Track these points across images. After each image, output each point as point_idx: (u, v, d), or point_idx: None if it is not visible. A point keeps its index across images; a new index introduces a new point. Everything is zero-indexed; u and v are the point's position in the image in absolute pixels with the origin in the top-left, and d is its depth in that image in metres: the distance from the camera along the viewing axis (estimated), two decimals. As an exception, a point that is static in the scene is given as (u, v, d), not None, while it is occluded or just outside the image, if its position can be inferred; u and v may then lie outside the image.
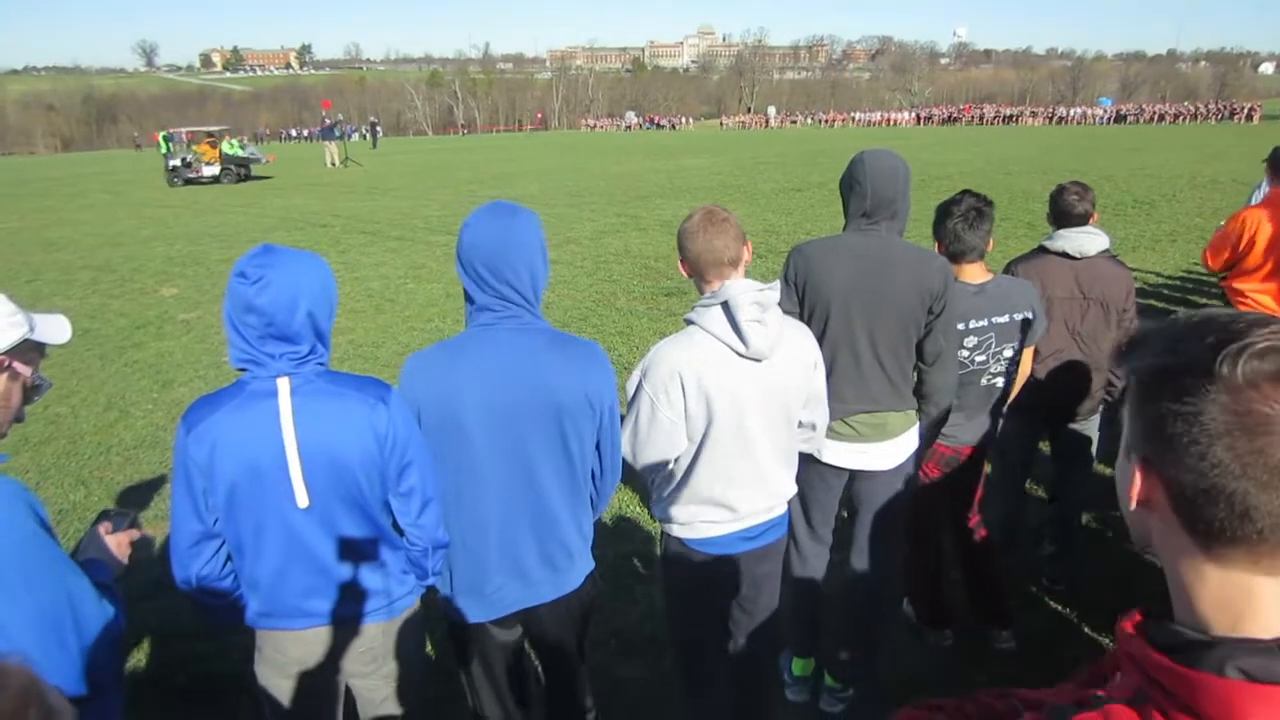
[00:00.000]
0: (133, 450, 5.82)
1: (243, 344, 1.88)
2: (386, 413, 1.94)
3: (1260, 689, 0.73)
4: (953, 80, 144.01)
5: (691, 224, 2.34)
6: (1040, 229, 11.96)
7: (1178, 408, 0.79)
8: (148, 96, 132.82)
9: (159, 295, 10.51)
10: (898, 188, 2.74)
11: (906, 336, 2.79)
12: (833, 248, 2.79)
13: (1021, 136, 41.21)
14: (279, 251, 1.90)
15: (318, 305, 1.90)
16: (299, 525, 1.93)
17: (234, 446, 1.86)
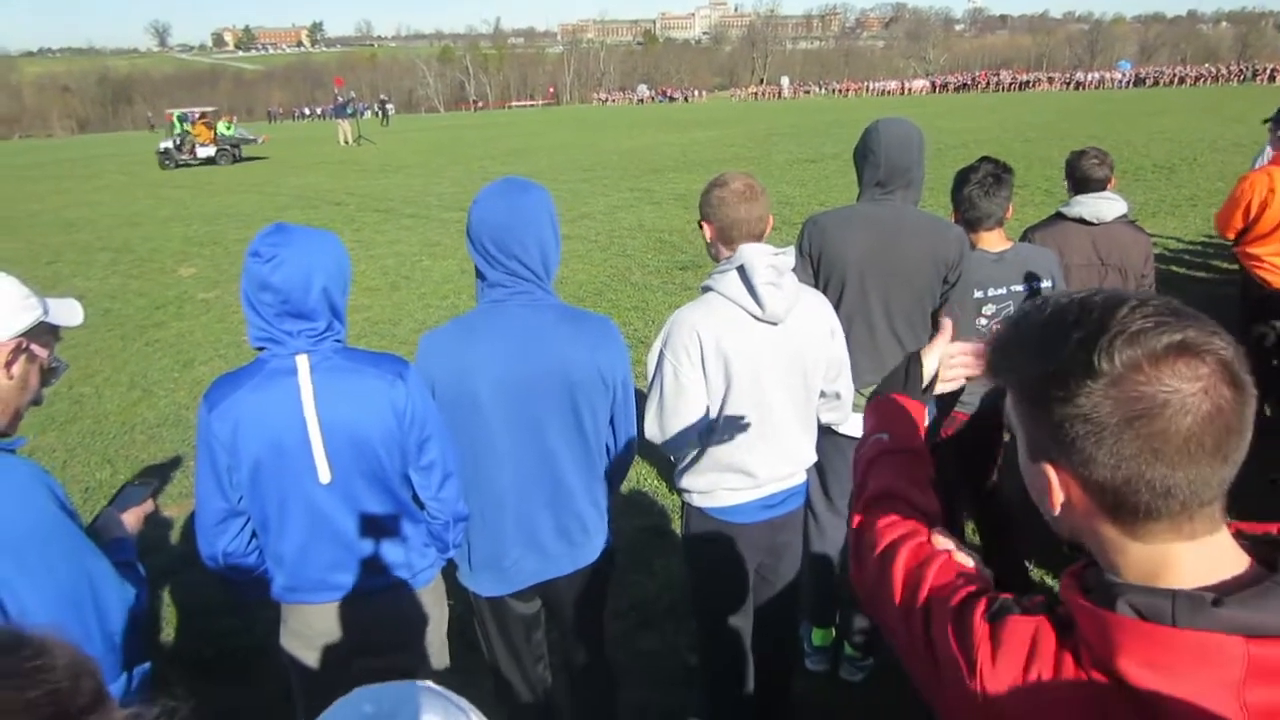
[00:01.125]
0: (156, 429, 5.90)
1: (260, 322, 1.90)
2: (405, 388, 1.96)
3: (1140, 625, 0.79)
4: (968, 47, 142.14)
5: (729, 191, 2.32)
6: (1058, 195, 11.81)
7: (1071, 410, 0.80)
8: (161, 76, 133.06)
9: (178, 275, 10.59)
10: (911, 156, 2.73)
11: (921, 306, 2.79)
12: (847, 218, 2.79)
13: (1039, 102, 40.65)
14: (292, 230, 1.91)
15: (332, 281, 1.91)
16: (321, 501, 1.96)
17: (256, 424, 1.89)
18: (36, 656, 0.82)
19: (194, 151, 27.59)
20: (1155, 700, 0.78)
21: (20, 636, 0.85)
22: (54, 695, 0.80)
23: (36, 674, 0.81)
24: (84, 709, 0.82)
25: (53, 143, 69.18)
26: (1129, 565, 0.85)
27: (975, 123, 27.60)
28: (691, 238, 11.12)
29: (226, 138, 28.40)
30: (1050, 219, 3.62)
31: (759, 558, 2.60)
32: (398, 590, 2.11)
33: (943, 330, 1.61)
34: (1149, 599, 0.80)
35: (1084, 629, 0.85)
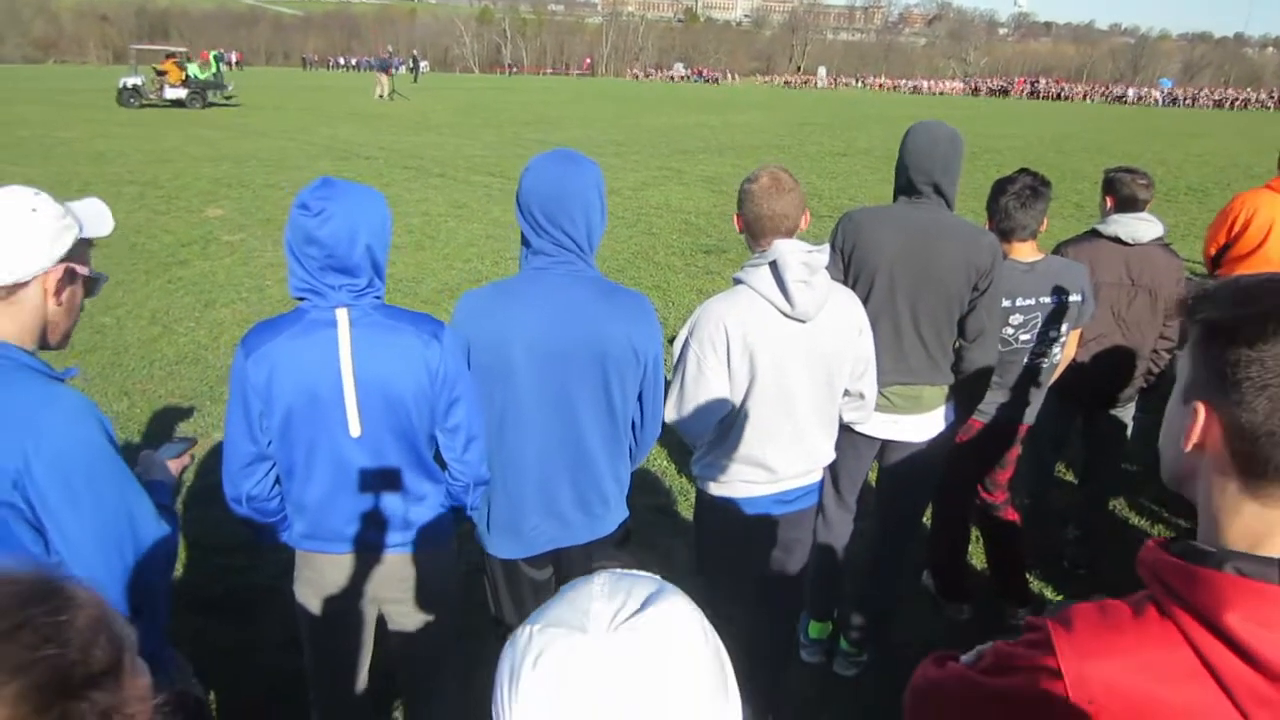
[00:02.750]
0: (174, 365, 5.96)
1: (303, 273, 1.93)
2: (440, 348, 1.99)
3: (1249, 582, 0.83)
4: (1009, 51, 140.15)
5: (756, 185, 2.34)
6: (1090, 210, 11.82)
7: (1252, 353, 0.84)
8: (200, 13, 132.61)
9: (204, 215, 10.64)
10: (935, 161, 2.73)
11: (949, 311, 2.80)
12: (883, 217, 2.80)
13: (1076, 114, 40.21)
14: (339, 185, 1.93)
15: (376, 239, 1.94)
16: (349, 453, 1.99)
17: (292, 372, 1.92)
18: (57, 613, 0.82)
19: (162, 92, 26.35)
20: (1260, 656, 0.81)
21: (50, 588, 0.84)
22: (56, 661, 0.79)
23: (51, 632, 0.80)
24: (89, 679, 0.81)
25: (87, 70, 69.17)
26: (1234, 527, 0.89)
27: (1010, 129, 27.34)
28: (717, 221, 11.10)
29: (199, 80, 27.05)
30: (1084, 235, 3.60)
31: (767, 550, 2.63)
32: (414, 548, 2.15)
33: None
34: (1256, 565, 0.84)
35: (1181, 589, 0.87)
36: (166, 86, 26.44)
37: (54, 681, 0.79)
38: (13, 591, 0.83)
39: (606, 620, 0.76)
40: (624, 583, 0.83)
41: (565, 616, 0.78)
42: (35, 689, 0.78)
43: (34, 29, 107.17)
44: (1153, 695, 0.85)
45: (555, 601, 0.83)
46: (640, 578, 0.85)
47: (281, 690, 2.95)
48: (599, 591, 0.81)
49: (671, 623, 0.78)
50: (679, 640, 0.77)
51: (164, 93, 26.34)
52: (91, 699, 0.81)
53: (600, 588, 0.82)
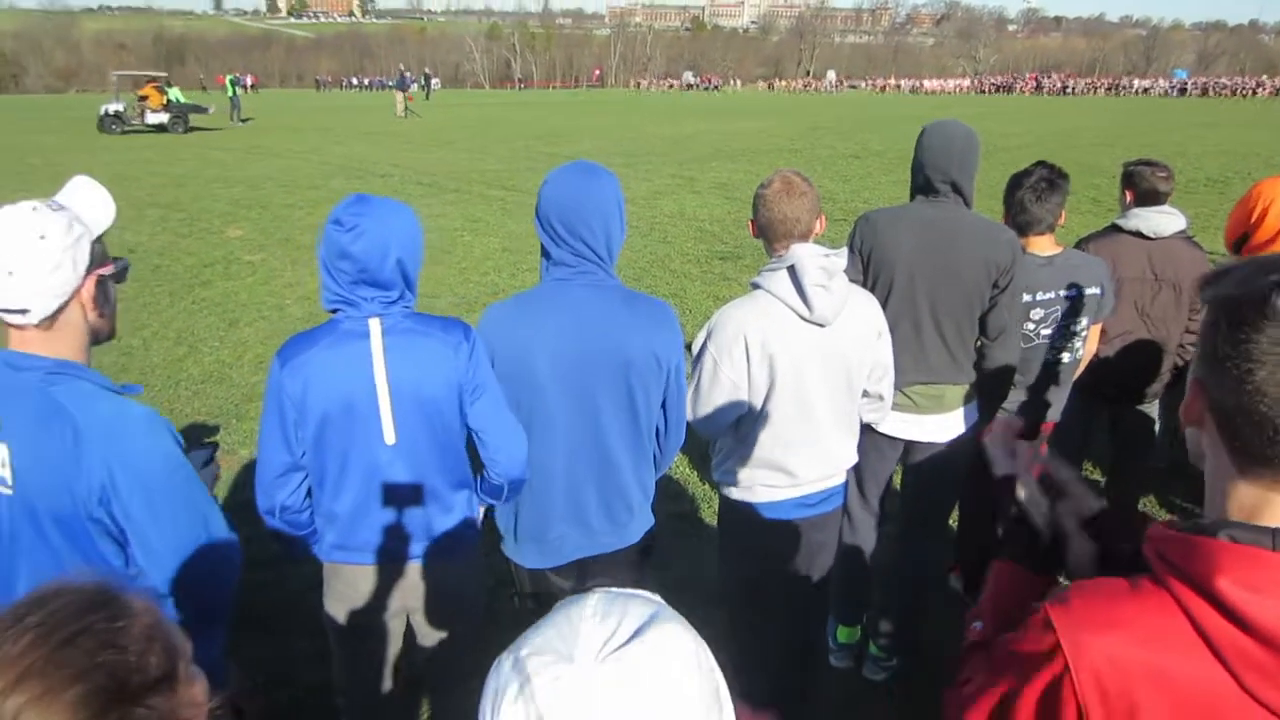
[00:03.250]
0: (200, 385, 6.03)
1: (335, 287, 1.97)
2: (469, 352, 2.02)
3: (1240, 548, 0.86)
4: (1019, 48, 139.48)
5: (769, 190, 2.35)
6: (1106, 205, 11.76)
7: (1232, 335, 0.87)
8: (215, 39, 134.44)
9: (225, 236, 10.76)
10: (952, 159, 2.73)
11: (970, 309, 2.79)
12: (900, 217, 2.80)
13: (1087, 108, 39.94)
14: (372, 201, 1.97)
15: (407, 254, 1.97)
16: (383, 461, 2.02)
17: (327, 381, 1.95)
18: (114, 620, 0.84)
19: (144, 117, 26.11)
20: (1252, 620, 0.83)
21: (107, 596, 0.87)
22: (115, 668, 0.82)
23: (109, 638, 0.83)
24: (145, 686, 0.83)
25: (107, 97, 70.15)
26: (1231, 502, 0.91)
27: (1019, 126, 27.21)
28: (731, 228, 11.12)
29: (179, 105, 26.88)
30: (1105, 230, 3.57)
31: (792, 555, 2.63)
32: (442, 558, 2.17)
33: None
34: (1249, 532, 0.87)
35: (1177, 559, 0.90)
36: (148, 111, 26.25)
37: (112, 687, 0.81)
38: (72, 600, 0.85)
39: (595, 649, 0.73)
40: (618, 605, 0.79)
41: (553, 643, 0.75)
42: (94, 694, 0.80)
43: (55, 59, 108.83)
44: (1154, 665, 0.88)
45: (545, 624, 0.80)
46: (636, 599, 0.82)
47: (311, 702, 2.97)
48: (590, 614, 0.78)
49: (664, 654, 0.74)
50: (670, 673, 0.74)
51: (145, 118, 26.12)
52: (148, 704, 0.83)
53: (593, 611, 0.78)
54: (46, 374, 1.55)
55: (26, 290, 1.51)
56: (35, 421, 1.53)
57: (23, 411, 1.54)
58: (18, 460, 1.54)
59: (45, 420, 1.53)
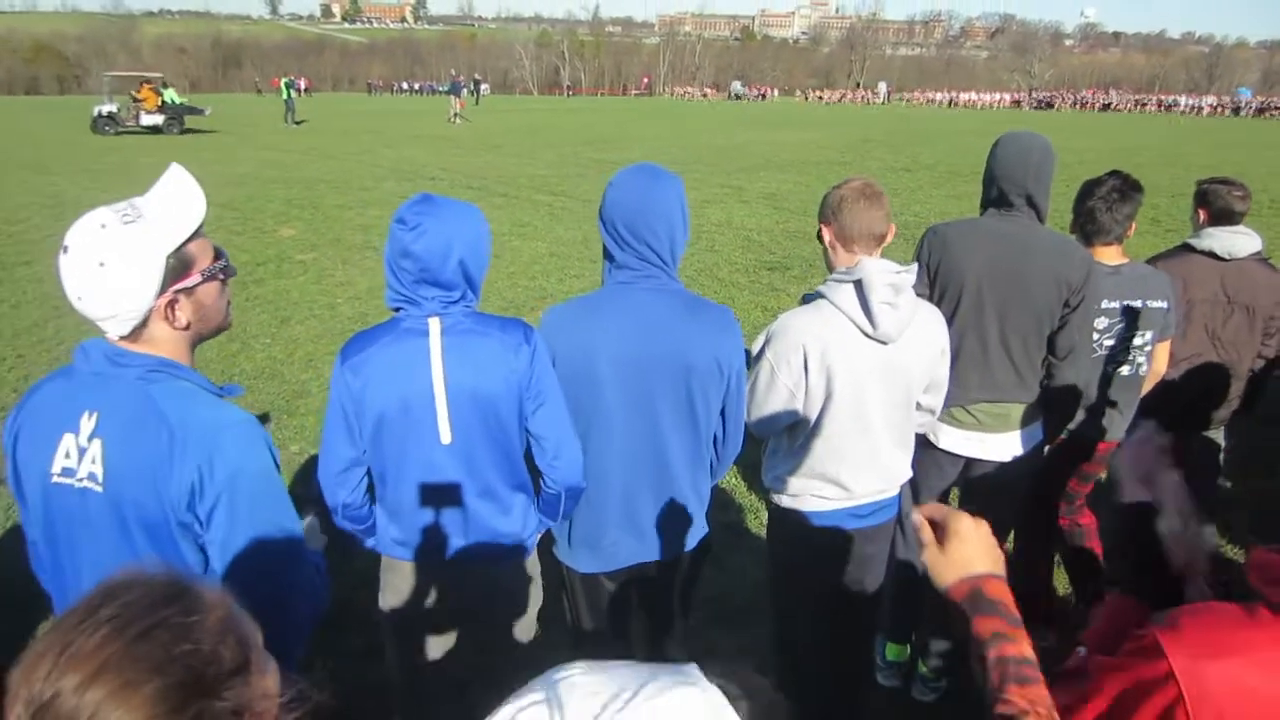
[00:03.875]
0: (252, 380, 6.12)
1: (399, 285, 1.98)
2: (529, 354, 2.01)
3: None
4: (1076, 63, 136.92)
5: (847, 192, 2.31)
6: (1166, 225, 11.52)
7: None
8: (270, 43, 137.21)
9: (278, 235, 10.95)
10: (1029, 171, 2.66)
11: (1039, 328, 2.73)
12: (972, 231, 2.74)
13: (1148, 126, 39.15)
14: (437, 201, 1.97)
15: (470, 254, 1.97)
16: (440, 461, 2.02)
17: (386, 380, 1.96)
18: (189, 614, 0.84)
19: (138, 118, 25.75)
20: None
21: (180, 588, 0.87)
22: (191, 661, 0.82)
23: (184, 632, 0.83)
24: (221, 678, 0.83)
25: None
26: None
27: (1081, 142, 26.74)
28: (780, 238, 11.05)
29: (173, 106, 26.48)
30: (1176, 250, 3.47)
31: (843, 566, 2.58)
32: (499, 558, 2.17)
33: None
34: None
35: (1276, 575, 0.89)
36: (143, 113, 25.94)
37: (190, 680, 0.82)
38: (145, 593, 0.85)
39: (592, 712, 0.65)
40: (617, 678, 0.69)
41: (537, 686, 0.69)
42: (173, 688, 0.80)
43: (117, 62, 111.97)
44: (1276, 694, 0.83)
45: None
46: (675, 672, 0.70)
47: (364, 700, 2.99)
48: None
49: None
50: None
51: (140, 119, 25.78)
52: (224, 696, 0.83)
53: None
54: (146, 371, 1.52)
55: (99, 313, 1.48)
56: (131, 421, 1.50)
57: (119, 409, 1.50)
58: (110, 459, 1.50)
59: (141, 421, 1.49)
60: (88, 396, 1.52)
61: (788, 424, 2.40)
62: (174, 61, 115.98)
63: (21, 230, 10.98)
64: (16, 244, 10.20)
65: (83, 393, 1.52)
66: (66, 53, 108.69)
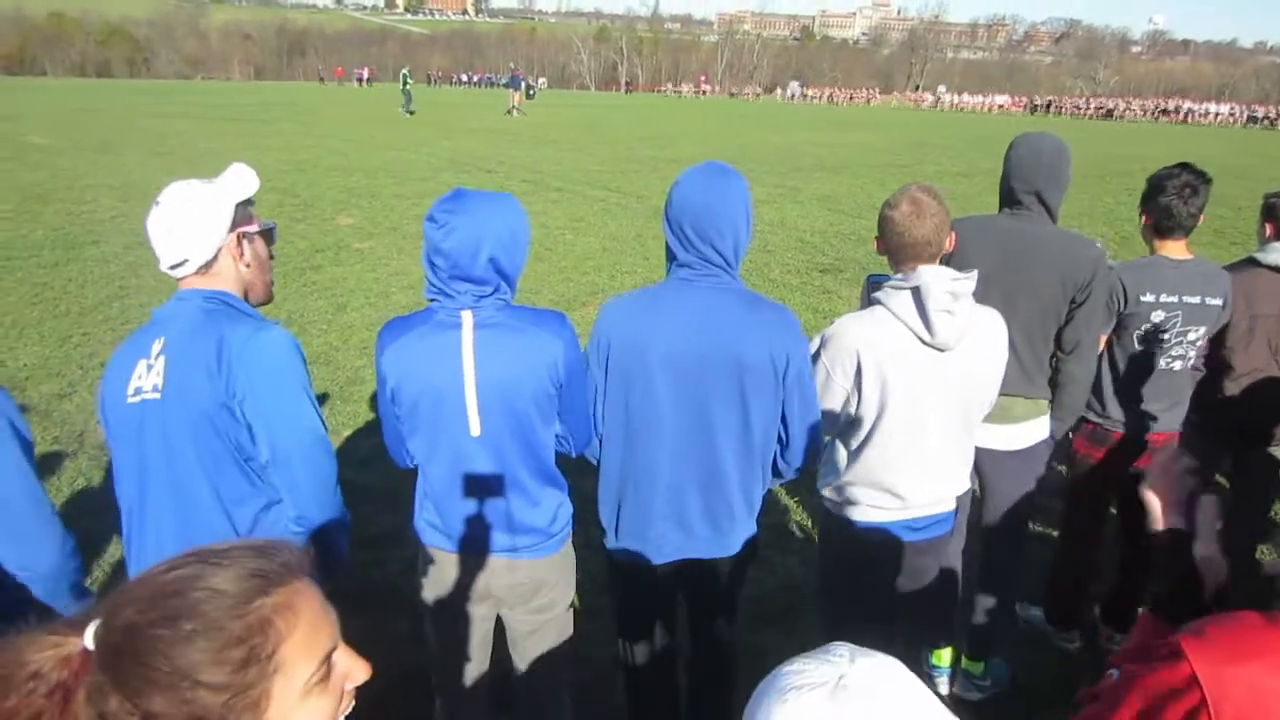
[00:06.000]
0: (309, 365, 6.24)
1: (434, 279, 2.01)
2: (562, 348, 2.04)
3: None
4: (1143, 70, 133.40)
5: (898, 212, 2.29)
6: (1230, 237, 11.21)
7: None
8: (334, 32, 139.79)
9: (336, 223, 11.15)
10: (1040, 169, 2.72)
11: (1044, 324, 2.78)
12: (982, 227, 2.80)
13: (1212, 136, 38.07)
14: (468, 197, 1.99)
15: (502, 249, 1.98)
16: (470, 451, 2.06)
17: (419, 369, 2.01)
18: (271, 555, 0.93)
19: None
20: None
21: (275, 545, 0.95)
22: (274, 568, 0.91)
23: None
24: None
25: (231, 85, 73.72)
26: None
27: (1140, 150, 26.16)
28: (834, 240, 10.97)
29: None
30: (1241, 263, 3.39)
31: (894, 577, 2.57)
32: (529, 551, 2.18)
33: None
34: None
35: None
36: None
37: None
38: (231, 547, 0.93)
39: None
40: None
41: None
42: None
43: (185, 47, 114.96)
44: None
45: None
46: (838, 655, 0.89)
47: (404, 682, 3.04)
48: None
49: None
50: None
51: None
52: None
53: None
54: (204, 299, 1.89)
55: (184, 243, 1.86)
56: (188, 334, 1.84)
57: (181, 330, 1.85)
58: (170, 369, 1.83)
59: (195, 333, 1.83)
60: (158, 329, 1.88)
61: (845, 423, 2.39)
62: (240, 48, 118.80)
63: (90, 210, 11.33)
64: (85, 224, 10.53)
65: (154, 328, 1.89)
66: (138, 36, 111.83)
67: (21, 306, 7.34)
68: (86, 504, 4.28)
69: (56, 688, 0.83)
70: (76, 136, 20.80)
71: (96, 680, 0.83)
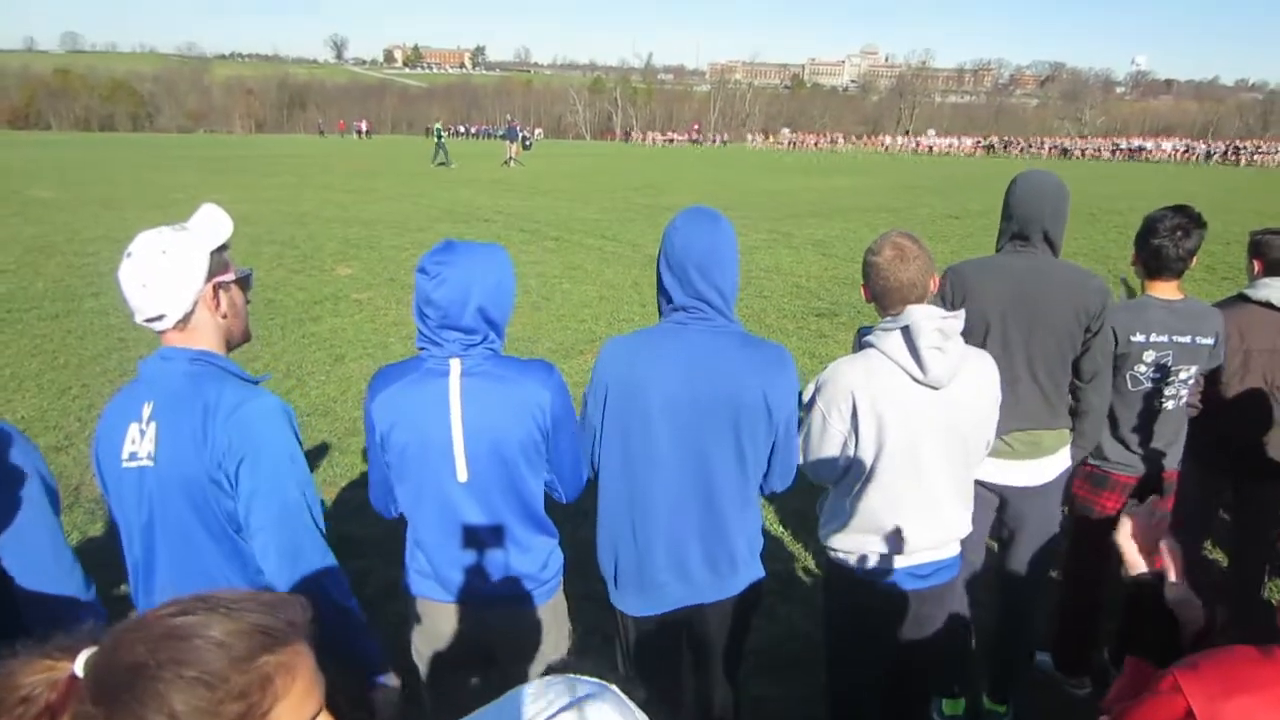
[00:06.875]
0: (306, 417, 6.24)
1: (424, 328, 2.05)
2: (549, 396, 2.06)
3: None
4: (1127, 110, 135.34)
5: (881, 258, 2.33)
6: (1221, 272, 11.29)
7: None
8: (334, 86, 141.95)
9: (335, 274, 11.22)
10: (1045, 208, 2.79)
11: (1063, 355, 2.83)
12: (989, 267, 2.85)
13: (1199, 174, 38.51)
14: (458, 248, 2.04)
15: (490, 299, 2.02)
16: (457, 498, 2.07)
17: (407, 416, 2.03)
18: (273, 613, 0.94)
19: None
20: None
21: (283, 602, 0.96)
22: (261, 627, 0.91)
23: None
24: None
25: (233, 139, 74.61)
26: None
27: (1128, 188, 26.45)
28: (828, 285, 11.04)
29: None
30: (1232, 299, 3.44)
31: (899, 625, 2.55)
32: (520, 600, 2.17)
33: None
34: None
35: None
36: None
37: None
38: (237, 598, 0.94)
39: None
40: (555, 687, 0.87)
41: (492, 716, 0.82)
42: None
43: (188, 102, 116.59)
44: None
45: (491, 706, 0.88)
46: (579, 681, 0.88)
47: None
48: (530, 692, 0.85)
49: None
50: None
51: None
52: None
53: (532, 690, 0.86)
54: (189, 361, 1.84)
55: (159, 299, 1.80)
56: (175, 401, 1.80)
57: (168, 394, 1.81)
58: (160, 436, 1.80)
59: (182, 399, 1.80)
60: (146, 390, 1.84)
61: (844, 468, 2.40)
62: (242, 102, 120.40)
63: (91, 263, 11.40)
64: (85, 276, 10.59)
65: (142, 388, 1.85)
66: (141, 91, 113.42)
67: (21, 358, 7.37)
68: (84, 558, 4.24)
69: (44, 710, 0.83)
70: (80, 190, 21.01)
71: (87, 711, 0.83)
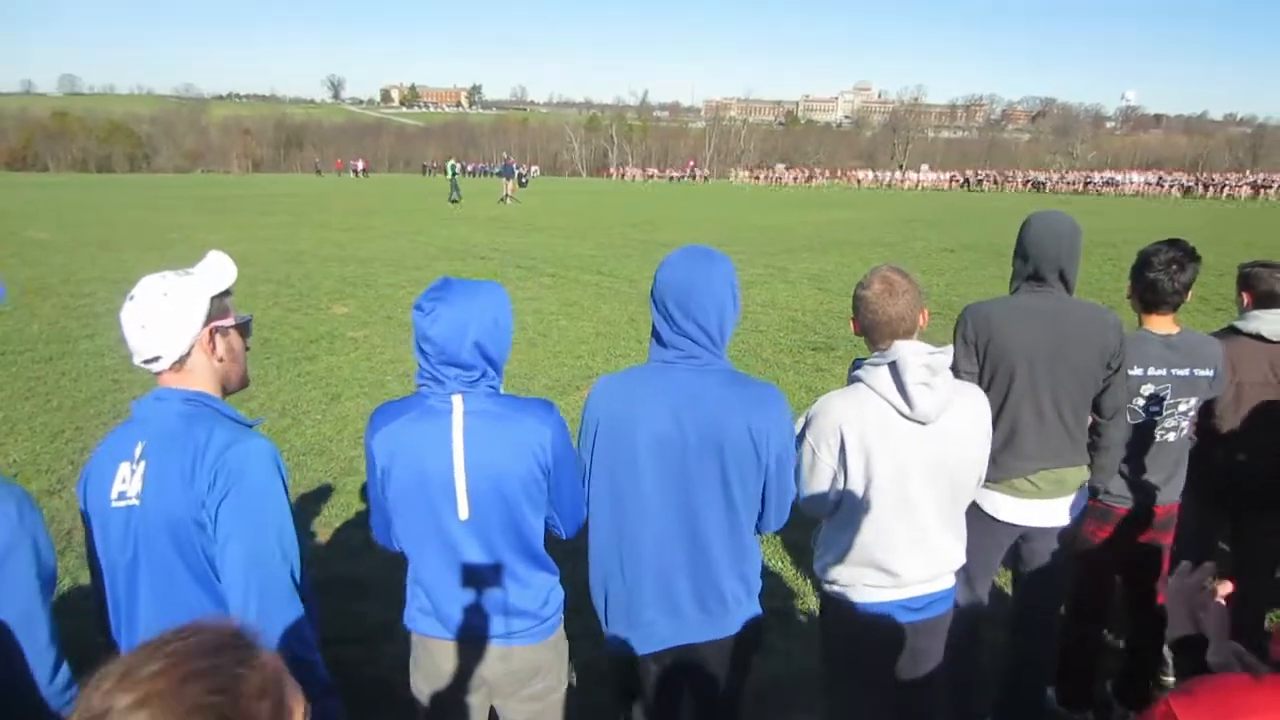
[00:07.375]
0: (302, 456, 6.23)
1: (424, 365, 2.07)
2: (549, 434, 2.07)
3: None
4: (1118, 145, 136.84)
5: (870, 291, 2.36)
6: (1215, 303, 11.36)
7: None
8: (331, 126, 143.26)
9: (331, 313, 11.25)
10: (1062, 249, 2.82)
11: (1085, 392, 2.87)
12: (1013, 308, 2.87)
13: (1191, 208, 38.89)
14: (454, 285, 2.07)
15: (486, 335, 2.04)
16: (458, 536, 2.07)
17: (408, 453, 2.04)
18: (238, 665, 0.95)
19: None
20: None
21: (240, 641, 0.97)
22: (224, 711, 0.92)
23: (228, 682, 0.93)
24: None
25: (230, 178, 75.16)
26: None
27: (1121, 223, 26.65)
28: (824, 319, 11.08)
29: None
30: (1222, 332, 3.47)
31: (896, 658, 2.54)
32: (520, 638, 2.17)
33: None
34: None
35: None
36: None
37: None
38: (210, 638, 0.95)
39: None
40: None
41: None
42: None
43: (185, 142, 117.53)
44: None
45: None
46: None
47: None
48: None
49: None
50: None
51: None
52: None
53: None
54: (182, 402, 1.86)
55: (156, 340, 1.84)
56: (167, 440, 1.81)
57: (160, 434, 1.83)
58: (149, 475, 1.80)
59: (174, 439, 1.81)
60: (140, 430, 1.85)
61: (835, 502, 2.41)
62: (239, 142, 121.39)
63: (87, 304, 11.42)
64: (81, 317, 10.61)
65: (136, 428, 1.86)
66: (139, 132, 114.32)
67: (14, 401, 7.35)
68: (75, 604, 4.20)
69: None
70: (76, 231, 21.10)
71: None
